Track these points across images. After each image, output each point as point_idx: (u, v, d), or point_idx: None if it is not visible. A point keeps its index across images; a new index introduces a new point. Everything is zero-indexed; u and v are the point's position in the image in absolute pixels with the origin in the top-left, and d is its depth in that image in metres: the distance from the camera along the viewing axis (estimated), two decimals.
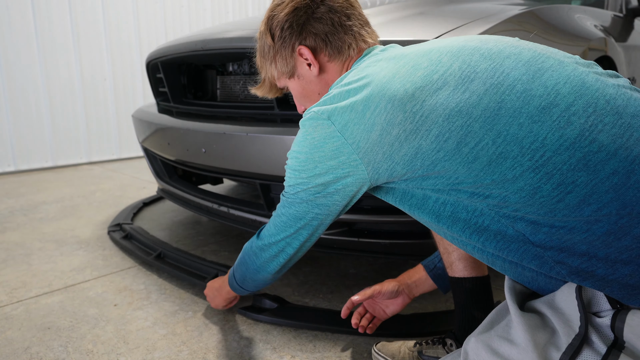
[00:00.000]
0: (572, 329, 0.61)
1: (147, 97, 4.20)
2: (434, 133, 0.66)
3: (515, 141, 0.62)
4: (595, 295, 0.63)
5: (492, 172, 0.64)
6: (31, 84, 3.53)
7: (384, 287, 1.07)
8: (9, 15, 3.36)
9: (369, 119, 0.70)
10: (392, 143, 0.69)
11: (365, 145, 0.71)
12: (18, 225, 2.14)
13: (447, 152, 0.66)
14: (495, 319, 0.72)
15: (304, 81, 0.92)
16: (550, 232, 0.63)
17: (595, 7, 1.93)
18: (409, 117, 0.67)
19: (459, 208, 0.71)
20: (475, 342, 0.67)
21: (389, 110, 0.68)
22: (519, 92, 0.64)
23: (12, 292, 1.44)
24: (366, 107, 0.71)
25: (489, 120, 0.64)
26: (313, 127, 0.76)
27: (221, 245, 1.84)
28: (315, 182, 0.79)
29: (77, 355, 1.10)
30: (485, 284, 0.96)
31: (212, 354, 1.10)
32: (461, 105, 0.65)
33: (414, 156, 0.68)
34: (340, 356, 1.10)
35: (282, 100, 1.42)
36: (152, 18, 4.26)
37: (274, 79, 0.97)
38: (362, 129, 0.71)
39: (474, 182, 0.66)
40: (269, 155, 1.27)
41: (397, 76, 0.71)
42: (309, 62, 0.89)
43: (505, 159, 0.63)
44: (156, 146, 1.82)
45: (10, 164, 3.47)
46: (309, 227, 0.88)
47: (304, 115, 0.80)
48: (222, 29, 1.66)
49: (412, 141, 0.67)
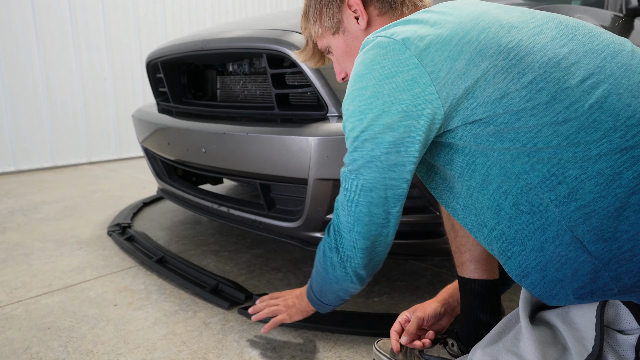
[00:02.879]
0: (585, 347, 0.57)
1: (147, 97, 4.20)
2: (527, 79, 0.59)
3: (611, 111, 0.57)
4: (621, 311, 0.58)
5: (578, 142, 0.58)
6: (31, 84, 3.53)
7: (426, 312, 0.98)
8: (9, 15, 3.36)
9: (456, 46, 0.61)
10: (479, 78, 0.60)
11: (447, 75, 0.62)
12: (18, 225, 2.14)
13: (538, 105, 0.59)
14: (504, 329, 0.69)
15: (349, 37, 0.86)
16: (613, 239, 0.57)
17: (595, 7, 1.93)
18: (503, 51, 0.60)
19: (522, 200, 0.63)
20: (481, 354, 0.65)
21: (482, 39, 0.61)
22: (619, 63, 0.60)
23: (12, 292, 1.44)
24: (454, 32, 0.62)
25: (587, 82, 0.59)
26: (382, 54, 0.65)
27: (221, 245, 1.84)
28: (383, 121, 0.66)
29: (77, 355, 1.10)
30: (495, 287, 0.94)
31: (212, 354, 1.10)
32: (560, 58, 0.60)
33: (499, 99, 0.60)
34: (341, 356, 1.09)
35: (282, 100, 1.42)
36: (152, 18, 4.26)
37: (317, 37, 0.90)
38: (445, 56, 0.62)
39: (553, 154, 0.59)
40: (269, 155, 1.27)
41: (489, 13, 0.64)
42: (357, 15, 0.83)
43: (597, 130, 0.57)
44: (156, 146, 1.82)
45: (10, 164, 3.47)
46: (382, 203, 0.73)
47: (366, 43, 0.70)
48: (222, 29, 1.65)
49: (501, 81, 0.60)
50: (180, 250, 1.79)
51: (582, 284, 0.60)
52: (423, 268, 1.60)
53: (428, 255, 1.36)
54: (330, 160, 1.16)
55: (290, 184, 1.31)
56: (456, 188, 0.71)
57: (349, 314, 1.27)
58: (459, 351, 0.95)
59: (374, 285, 1.45)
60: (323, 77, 1.25)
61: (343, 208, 0.77)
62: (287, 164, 1.24)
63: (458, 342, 0.97)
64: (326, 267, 0.86)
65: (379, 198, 0.72)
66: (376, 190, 0.71)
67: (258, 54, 1.50)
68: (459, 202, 0.71)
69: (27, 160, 3.56)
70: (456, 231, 0.94)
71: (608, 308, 0.59)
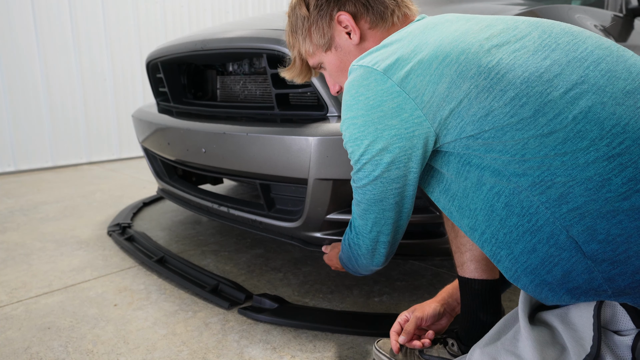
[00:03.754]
0: (583, 347, 0.57)
1: (147, 97, 4.20)
2: (509, 95, 0.60)
3: (596, 120, 0.57)
4: (617, 312, 0.59)
5: (565, 152, 0.58)
6: (31, 84, 3.53)
7: (425, 312, 0.99)
8: (9, 16, 3.36)
9: (436, 70, 0.63)
10: (462, 99, 0.62)
11: (430, 99, 0.63)
12: (18, 225, 2.14)
13: (522, 120, 0.60)
14: (503, 329, 0.69)
15: (341, 52, 0.86)
16: (607, 241, 0.58)
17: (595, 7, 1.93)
18: (484, 72, 0.61)
19: (514, 202, 0.64)
20: (480, 354, 0.65)
21: (462, 62, 0.62)
22: (603, 70, 0.60)
23: (12, 292, 1.44)
24: (433, 57, 0.63)
25: (570, 93, 0.59)
26: (365, 85, 0.67)
27: (221, 245, 1.84)
28: (379, 146, 0.69)
29: (77, 355, 1.10)
30: (495, 287, 0.94)
31: (212, 354, 1.10)
32: (542, 71, 0.60)
33: (484, 117, 0.61)
34: (341, 356, 1.09)
35: (282, 100, 1.42)
36: (152, 18, 4.26)
37: (308, 54, 0.90)
38: (426, 81, 0.63)
39: (541, 163, 0.60)
40: (269, 155, 1.27)
41: (470, 32, 0.65)
42: (349, 30, 0.83)
43: (583, 139, 0.57)
44: (156, 146, 1.82)
45: (10, 164, 3.47)
46: (393, 207, 0.77)
47: (350, 70, 0.71)
48: (222, 29, 1.65)
49: (483, 100, 0.61)
50: (180, 250, 1.79)
51: (576, 285, 0.61)
52: (423, 268, 1.60)
53: (428, 255, 1.36)
54: (330, 160, 1.16)
55: (290, 184, 1.31)
56: (452, 189, 0.73)
57: (349, 313, 1.27)
58: (459, 351, 0.95)
59: (374, 285, 1.45)
60: (323, 77, 1.25)
61: (359, 215, 0.83)
62: (287, 164, 1.24)
63: (458, 342, 0.97)
64: (350, 258, 0.95)
65: (390, 204, 0.77)
66: (386, 200, 0.76)
67: (258, 54, 1.50)
68: (455, 203, 0.73)
69: (27, 160, 3.56)
70: (456, 231, 0.94)
71: (605, 309, 0.59)
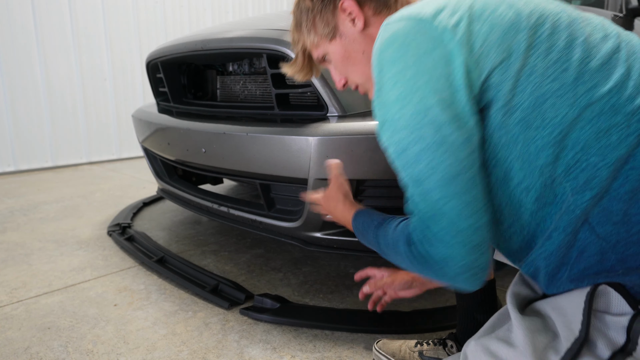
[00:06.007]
0: (572, 332, 0.57)
1: (147, 97, 4.20)
2: (553, 57, 0.59)
3: (628, 98, 0.58)
4: (611, 296, 0.58)
5: (599, 126, 0.58)
6: (31, 84, 3.53)
7: (397, 279, 0.98)
8: (9, 16, 3.36)
9: (488, 18, 0.62)
10: (511, 53, 0.60)
11: (481, 47, 0.61)
12: (18, 225, 2.14)
13: (563, 85, 0.59)
14: (497, 322, 0.69)
15: (346, 40, 0.85)
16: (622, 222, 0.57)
17: (595, 7, 1.93)
18: (532, 28, 0.61)
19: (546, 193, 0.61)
20: (474, 345, 0.66)
21: (513, 13, 0.62)
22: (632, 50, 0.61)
23: (12, 292, 1.44)
24: (485, 6, 0.62)
25: (606, 67, 0.59)
26: (412, 34, 0.63)
27: (221, 245, 1.84)
28: (433, 99, 0.61)
29: (77, 355, 1.10)
30: (491, 287, 0.95)
31: (212, 354, 1.10)
32: (581, 40, 0.60)
33: (528, 75, 0.60)
34: (341, 356, 1.09)
35: (282, 100, 1.42)
36: (152, 18, 4.26)
37: (312, 46, 0.89)
38: (478, 28, 0.61)
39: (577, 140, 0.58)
40: (269, 155, 1.27)
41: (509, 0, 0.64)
42: (353, 17, 0.83)
43: (617, 114, 0.58)
44: (156, 146, 1.82)
45: (10, 164, 3.47)
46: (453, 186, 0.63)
47: (385, 24, 0.67)
48: (222, 29, 1.65)
49: (528, 57, 0.60)
50: (180, 250, 1.79)
51: (588, 264, 0.60)
52: None
53: None
54: None
55: (290, 184, 1.31)
56: None
57: (349, 312, 1.27)
58: (457, 352, 0.96)
59: None
60: (323, 77, 1.25)
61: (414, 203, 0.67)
62: (287, 164, 1.24)
63: (457, 344, 0.98)
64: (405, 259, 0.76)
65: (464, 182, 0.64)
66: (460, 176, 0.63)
67: (258, 54, 1.50)
68: None
69: (27, 160, 3.56)
70: None
71: (598, 293, 0.59)
